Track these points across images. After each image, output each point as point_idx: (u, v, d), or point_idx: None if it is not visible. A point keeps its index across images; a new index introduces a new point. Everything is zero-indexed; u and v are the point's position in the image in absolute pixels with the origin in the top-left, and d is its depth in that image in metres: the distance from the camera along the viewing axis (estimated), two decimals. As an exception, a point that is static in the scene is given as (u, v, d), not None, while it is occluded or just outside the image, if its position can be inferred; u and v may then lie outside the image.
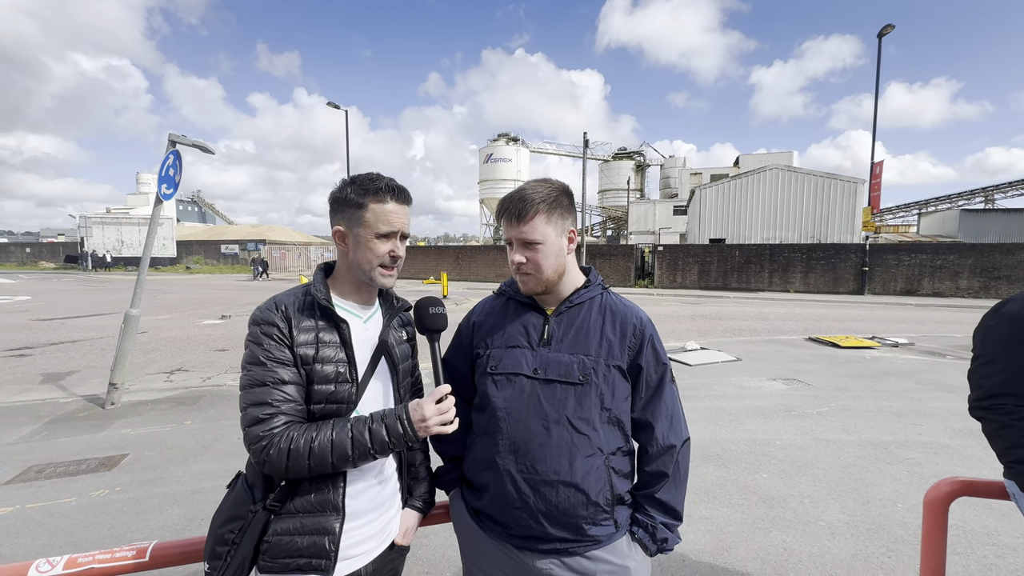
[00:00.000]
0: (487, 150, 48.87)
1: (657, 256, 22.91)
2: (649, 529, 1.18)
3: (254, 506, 1.05)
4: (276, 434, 1.00)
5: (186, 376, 6.60)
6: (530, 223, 1.15)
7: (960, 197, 40.53)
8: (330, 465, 1.02)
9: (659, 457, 1.20)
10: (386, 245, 1.13)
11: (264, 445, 1.00)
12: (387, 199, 1.12)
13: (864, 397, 5.36)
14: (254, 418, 1.01)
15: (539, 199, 1.15)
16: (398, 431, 1.05)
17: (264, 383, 1.03)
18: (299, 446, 1.00)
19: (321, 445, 1.01)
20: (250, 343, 1.07)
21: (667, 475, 1.19)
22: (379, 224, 1.11)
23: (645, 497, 1.21)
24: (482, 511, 1.21)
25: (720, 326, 11.07)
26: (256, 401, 1.02)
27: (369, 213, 1.11)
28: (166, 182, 5.21)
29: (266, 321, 1.07)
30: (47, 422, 4.69)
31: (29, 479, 3.45)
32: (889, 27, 17.28)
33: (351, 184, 1.13)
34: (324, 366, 1.07)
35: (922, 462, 3.69)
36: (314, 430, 1.03)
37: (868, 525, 2.82)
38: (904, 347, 8.35)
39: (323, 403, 1.08)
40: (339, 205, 1.14)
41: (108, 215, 39.33)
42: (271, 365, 1.04)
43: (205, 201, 72.22)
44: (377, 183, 1.12)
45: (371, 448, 1.04)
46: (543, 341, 1.20)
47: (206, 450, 3.96)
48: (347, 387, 1.09)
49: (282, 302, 1.11)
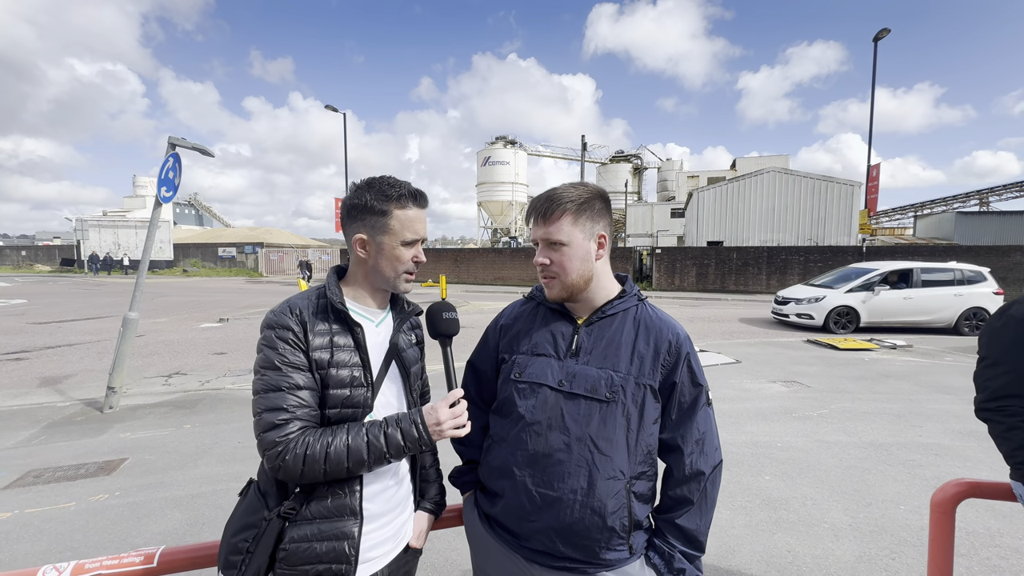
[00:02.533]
0: (485, 153, 48.93)
1: (655, 259, 22.95)
2: (666, 556, 1.11)
3: (268, 513, 1.03)
4: (291, 439, 0.99)
5: (184, 380, 6.57)
6: (556, 223, 1.11)
7: (955, 199, 40.76)
8: (346, 470, 1.01)
9: (685, 483, 1.13)
10: (411, 252, 1.13)
11: (279, 451, 0.98)
12: (410, 205, 1.11)
13: (864, 399, 5.38)
14: (269, 423, 1.00)
15: (568, 199, 1.11)
16: (413, 435, 1.04)
17: (279, 388, 1.02)
18: (315, 451, 0.99)
19: (337, 450, 1.00)
20: (264, 347, 1.05)
21: (692, 502, 1.12)
22: (405, 232, 1.11)
23: (666, 522, 1.14)
24: (495, 518, 1.19)
25: (719, 328, 11.09)
26: (271, 406, 1.01)
27: (394, 221, 1.10)
28: (165, 185, 5.19)
29: (281, 325, 1.05)
30: (45, 426, 4.65)
31: (28, 484, 3.42)
32: (885, 31, 17.39)
33: (369, 190, 1.11)
34: (339, 370, 1.06)
35: (923, 464, 3.70)
36: (330, 435, 1.02)
37: (871, 527, 2.83)
38: (902, 349, 8.39)
39: (338, 407, 1.06)
40: (358, 212, 1.11)
41: (105, 218, 39.16)
42: (286, 370, 1.03)
43: (202, 204, 72.00)
44: (398, 189, 1.10)
45: (387, 452, 1.03)
46: (571, 352, 1.15)
47: (206, 454, 3.94)
48: (362, 391, 1.08)
49: (296, 306, 1.09)
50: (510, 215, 49.11)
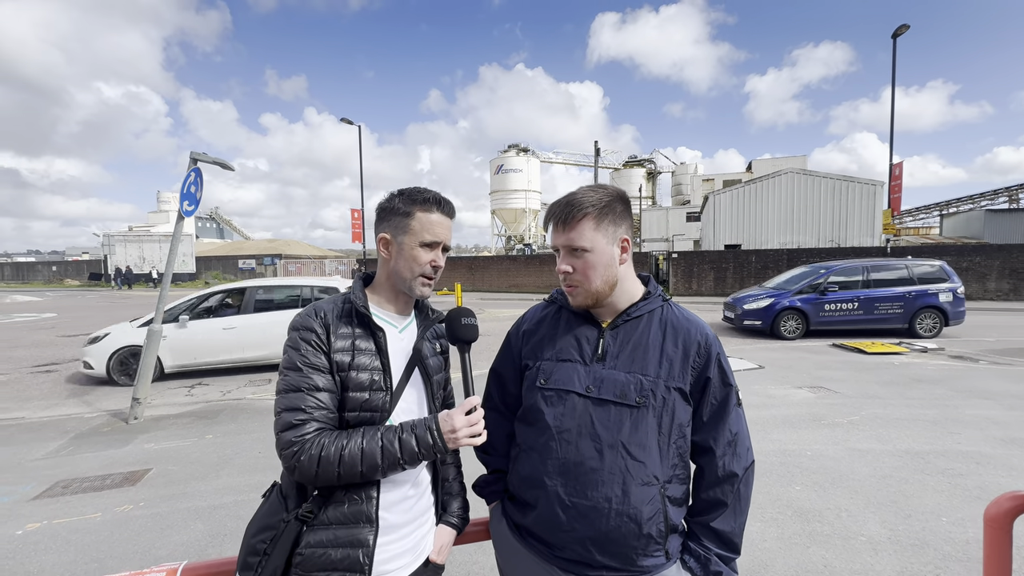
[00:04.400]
0: (498, 161, 49.19)
1: (672, 263, 22.68)
2: (702, 560, 1.10)
3: (286, 515, 1.04)
4: (307, 440, 1.00)
5: (206, 390, 6.67)
6: (577, 229, 1.09)
7: (983, 197, 39.46)
8: (359, 474, 1.01)
9: (718, 485, 1.11)
10: (429, 255, 1.14)
11: (295, 451, 0.99)
12: (433, 209, 1.14)
13: (896, 405, 5.17)
14: (287, 423, 1.01)
15: (588, 203, 1.08)
16: (427, 441, 1.03)
17: (299, 388, 1.03)
18: (329, 453, 0.99)
19: (351, 453, 1.00)
20: (288, 348, 1.08)
21: (725, 504, 1.11)
22: (424, 233, 1.13)
23: (700, 525, 1.12)
24: (526, 528, 1.15)
25: (740, 333, 10.86)
26: (290, 406, 1.02)
27: (415, 222, 1.13)
28: (188, 199, 5.31)
29: (305, 327, 1.08)
30: (72, 437, 4.75)
31: (56, 494, 3.48)
32: (904, 27, 17.03)
33: (399, 195, 1.16)
34: (359, 373, 1.07)
35: (964, 472, 3.52)
36: (345, 438, 1.02)
37: (912, 540, 2.69)
38: (933, 352, 8.09)
39: (357, 411, 1.07)
40: (386, 214, 1.16)
41: (130, 233, 40.40)
42: (307, 371, 1.04)
43: (223, 217, 73.85)
44: (425, 194, 1.15)
45: (400, 458, 1.02)
46: (597, 356, 1.12)
47: (227, 464, 3.96)
48: (381, 395, 1.08)
49: (322, 309, 1.11)
50: (524, 222, 49.20)
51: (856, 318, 9.91)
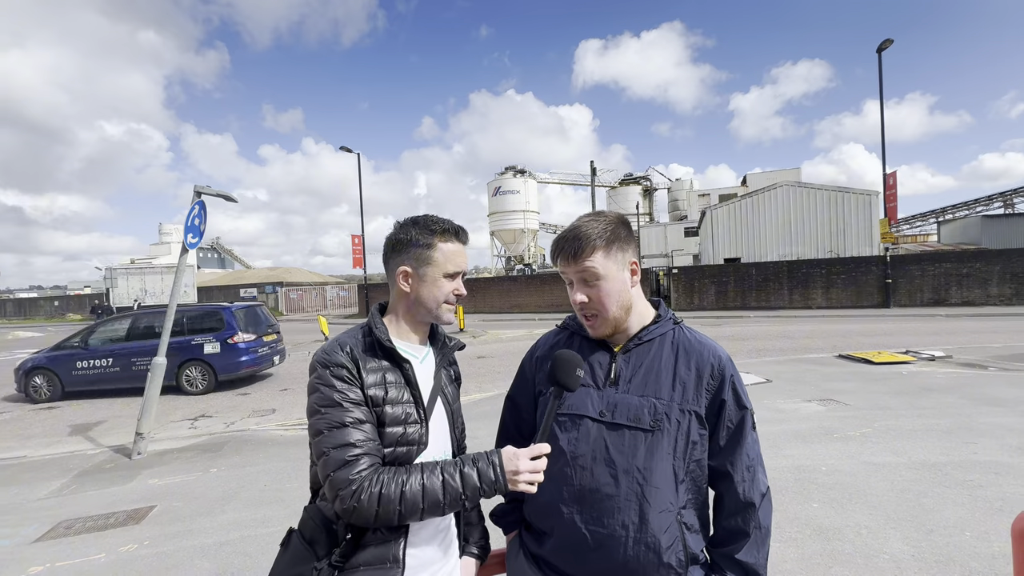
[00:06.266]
0: (495, 183, 49.72)
1: (672, 279, 22.72)
2: None
3: (318, 564, 0.99)
4: (365, 477, 0.95)
5: (210, 422, 6.60)
6: (588, 259, 1.09)
7: (978, 203, 39.74)
8: (420, 512, 0.96)
9: (738, 513, 1.09)
10: (452, 284, 1.14)
11: (354, 490, 0.94)
12: (452, 239, 1.14)
13: (908, 415, 5.10)
14: (340, 461, 0.96)
15: (595, 234, 1.10)
16: (490, 477, 0.99)
17: (343, 424, 0.99)
18: (390, 491, 0.94)
19: (412, 490, 0.95)
20: (320, 386, 1.03)
21: (748, 534, 1.08)
22: (448, 264, 1.13)
23: (724, 557, 1.10)
24: (543, 559, 1.13)
25: (745, 347, 10.80)
26: (339, 443, 0.98)
27: (438, 253, 1.12)
28: (191, 232, 5.35)
29: (334, 363, 1.04)
30: (76, 475, 4.68)
31: (59, 535, 3.41)
32: (888, 41, 17.47)
33: (414, 226, 1.14)
34: (393, 407, 1.05)
35: (983, 484, 3.45)
36: (404, 473, 0.98)
37: (936, 557, 2.62)
38: (941, 360, 8.02)
39: (393, 446, 1.04)
40: (404, 246, 1.14)
41: (132, 265, 40.58)
42: (347, 406, 1.01)
43: (224, 247, 74.30)
44: (443, 224, 1.14)
45: (463, 494, 0.98)
46: (610, 381, 1.12)
47: (233, 498, 3.89)
48: (416, 428, 1.06)
49: (346, 343, 1.09)
50: (523, 242, 49.43)
51: (113, 375, 8.42)
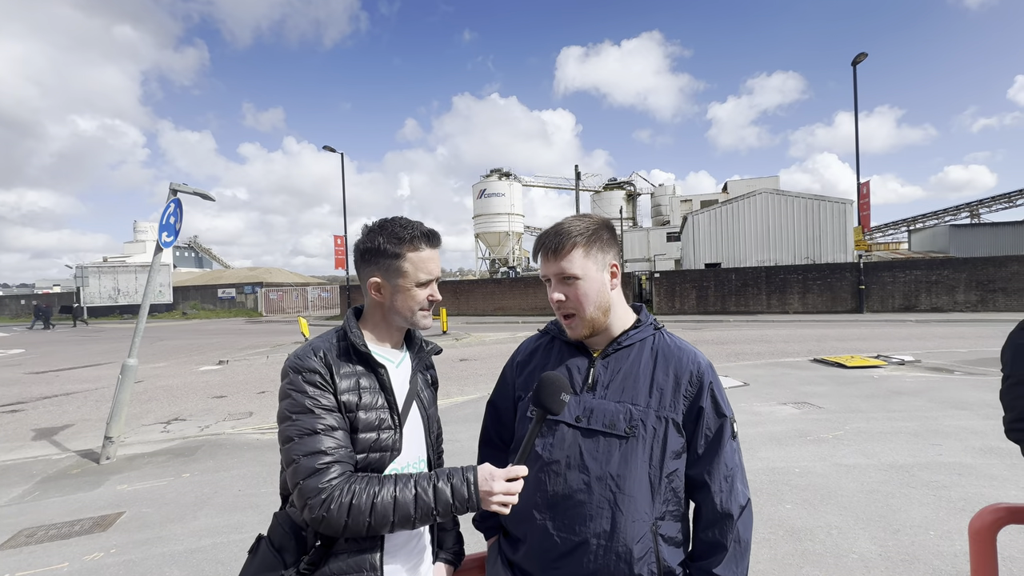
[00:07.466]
0: (480, 186, 49.71)
1: (654, 283, 23.00)
2: None
3: (286, 571, 0.97)
4: (336, 486, 0.93)
5: (184, 426, 6.43)
6: (568, 257, 1.09)
7: (946, 213, 41.29)
8: (390, 524, 0.93)
9: (716, 525, 1.06)
10: (426, 292, 1.12)
11: (324, 499, 0.91)
12: (423, 246, 1.10)
13: (878, 418, 5.26)
14: (310, 469, 0.93)
15: (576, 232, 1.09)
16: (463, 495, 0.96)
17: (314, 431, 0.97)
18: (361, 502, 0.92)
19: (383, 502, 0.93)
20: (292, 392, 1.01)
21: (725, 547, 1.05)
22: (419, 274, 1.09)
23: (701, 571, 1.07)
24: (518, 565, 1.13)
25: (724, 351, 10.99)
26: (309, 450, 0.95)
27: (407, 263, 1.08)
28: (167, 230, 5.23)
29: (307, 368, 1.01)
30: (39, 481, 4.51)
31: (19, 544, 3.28)
32: (862, 55, 18.03)
33: (381, 232, 1.09)
34: (367, 413, 1.03)
35: (948, 484, 3.57)
36: (376, 484, 0.95)
37: (902, 556, 2.70)
38: (911, 364, 8.28)
39: (366, 452, 1.02)
40: (372, 256, 1.10)
41: (105, 264, 39.36)
42: (319, 412, 0.98)
43: (202, 247, 72.57)
44: (410, 230, 1.09)
45: (434, 508, 0.95)
46: (588, 386, 1.10)
47: (205, 504, 3.80)
48: (390, 434, 1.05)
49: (319, 348, 1.06)
50: (507, 245, 49.50)
51: None
